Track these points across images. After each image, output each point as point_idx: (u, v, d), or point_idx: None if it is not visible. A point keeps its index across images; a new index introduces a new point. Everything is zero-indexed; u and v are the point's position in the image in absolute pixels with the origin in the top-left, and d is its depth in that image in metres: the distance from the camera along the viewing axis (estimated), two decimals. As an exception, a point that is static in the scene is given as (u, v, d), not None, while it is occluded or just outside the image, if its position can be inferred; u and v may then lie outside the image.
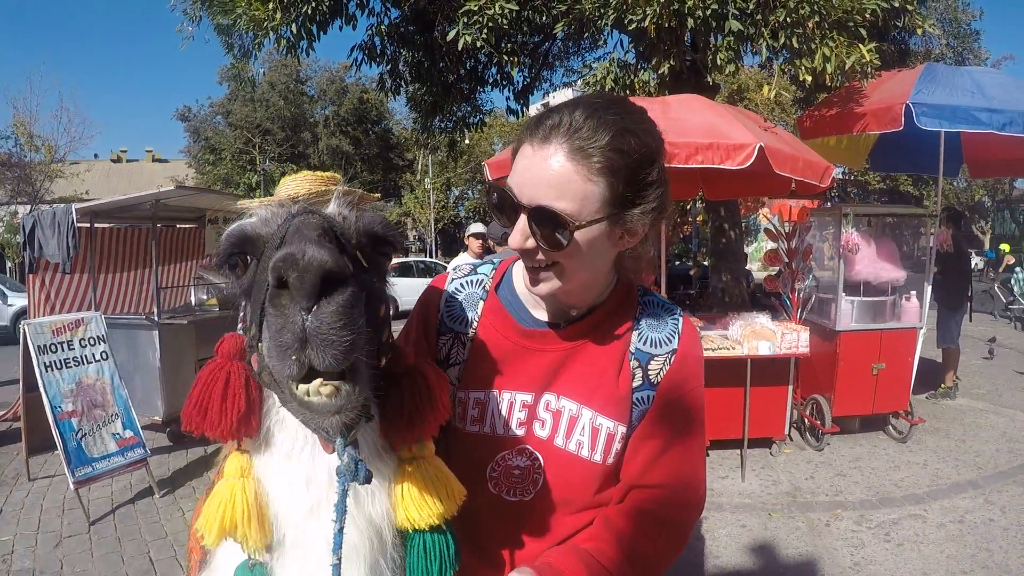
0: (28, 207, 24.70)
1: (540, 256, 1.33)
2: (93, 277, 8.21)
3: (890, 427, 7.64)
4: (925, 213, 8.47)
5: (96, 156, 46.28)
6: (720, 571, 4.85)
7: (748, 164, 5.97)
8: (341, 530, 1.09)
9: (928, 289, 7.85)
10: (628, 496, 1.49)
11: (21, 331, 5.98)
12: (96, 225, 8.31)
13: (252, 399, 1.13)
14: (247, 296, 1.13)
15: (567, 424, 1.47)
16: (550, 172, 1.26)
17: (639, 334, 1.50)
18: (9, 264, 27.64)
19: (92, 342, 6.13)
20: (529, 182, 1.29)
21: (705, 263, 15.86)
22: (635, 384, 1.47)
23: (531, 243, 1.31)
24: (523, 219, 1.30)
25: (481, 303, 1.59)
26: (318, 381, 0.96)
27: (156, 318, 7.61)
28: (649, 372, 1.48)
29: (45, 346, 5.83)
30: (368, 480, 1.10)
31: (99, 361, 6.13)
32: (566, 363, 1.49)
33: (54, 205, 7.92)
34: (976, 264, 19.19)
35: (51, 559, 5.03)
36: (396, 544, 1.24)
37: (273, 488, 1.18)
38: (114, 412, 6.04)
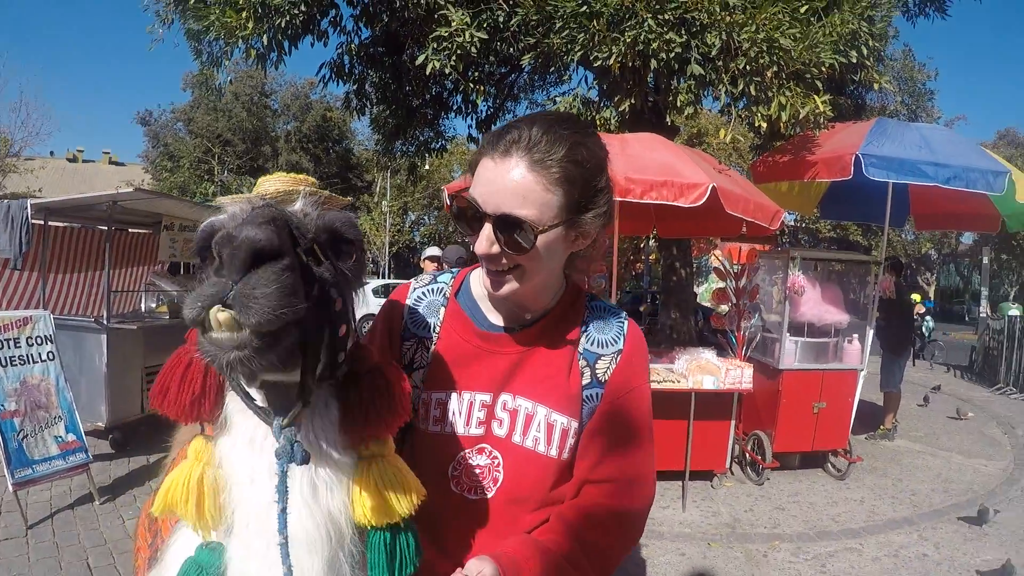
0: (-23, 200, 24.02)
1: (504, 260, 1.43)
2: (43, 275, 8.08)
3: (829, 464, 7.84)
4: (870, 260, 8.73)
5: (52, 154, 44.96)
6: (657, 598, 4.92)
7: (701, 202, 6.14)
8: (284, 511, 1.12)
9: (870, 333, 8.07)
10: (581, 491, 1.57)
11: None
12: (49, 223, 8.20)
13: (208, 384, 1.18)
14: None
15: (523, 422, 1.55)
16: (513, 183, 1.36)
17: (587, 336, 1.60)
18: (-47, 258, 26.70)
19: (39, 341, 5.98)
20: (493, 192, 1.39)
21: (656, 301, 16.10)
22: (584, 382, 1.57)
23: (496, 248, 1.40)
24: (488, 227, 1.40)
25: (442, 309, 1.67)
26: (216, 307, 0.97)
27: (105, 322, 7.44)
28: (597, 371, 1.58)
29: (-10, 342, 5.70)
30: (305, 461, 1.12)
31: (45, 361, 5.98)
32: (521, 364, 1.57)
33: (6, 200, 7.79)
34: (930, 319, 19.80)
35: (-14, 562, 4.88)
36: (355, 539, 1.26)
37: (235, 474, 1.21)
38: (57, 414, 5.89)
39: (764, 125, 7.12)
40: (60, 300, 9.51)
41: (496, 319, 1.63)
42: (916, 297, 21.94)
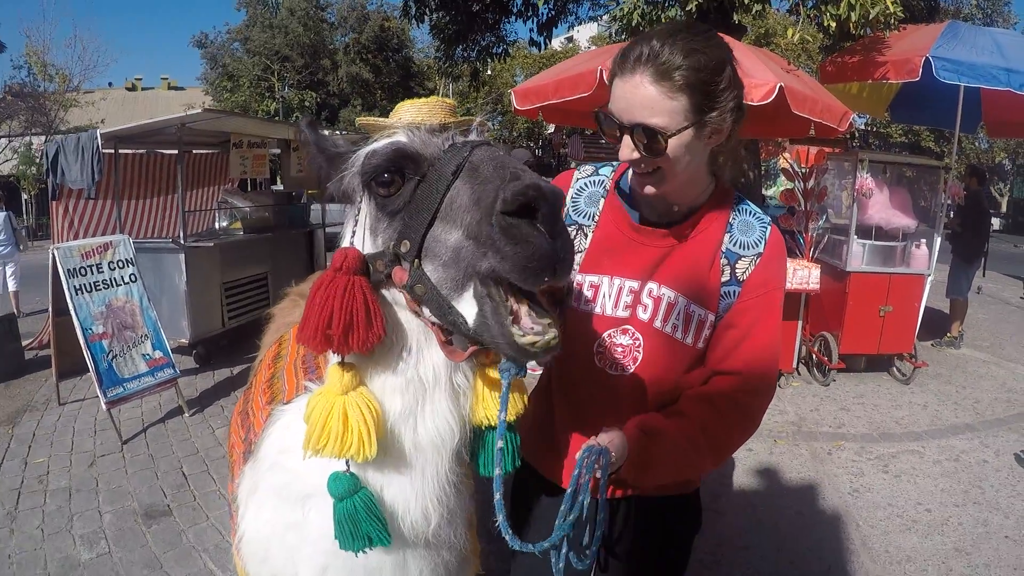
0: (43, 138, 24.24)
1: (643, 164, 1.59)
2: (117, 202, 8.25)
3: (894, 368, 7.84)
4: (940, 165, 8.48)
5: (110, 84, 45.03)
6: (726, 489, 5.07)
7: (768, 101, 6.06)
8: (504, 420, 1.31)
9: (937, 239, 7.95)
10: (709, 381, 1.74)
11: (50, 256, 6.01)
12: (119, 151, 8.32)
13: (376, 311, 1.23)
14: (400, 212, 1.21)
15: (665, 309, 1.70)
16: (640, 96, 1.52)
17: (731, 236, 1.74)
18: (25, 196, 27.03)
19: (121, 264, 6.21)
20: (626, 108, 1.55)
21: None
22: (723, 279, 1.71)
23: (636, 154, 1.56)
24: (627, 137, 1.56)
25: (602, 200, 1.84)
26: (552, 336, 1.13)
27: (182, 241, 7.68)
28: (736, 270, 1.71)
29: (74, 269, 5.87)
30: (525, 373, 1.27)
31: (128, 283, 6.21)
32: (668, 257, 1.72)
33: (74, 132, 7.89)
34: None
35: (86, 477, 5.08)
36: (470, 440, 1.44)
37: (377, 395, 1.31)
38: (144, 333, 6.15)
39: (833, 25, 6.88)
40: (136, 225, 9.76)
41: (649, 213, 1.77)
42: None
